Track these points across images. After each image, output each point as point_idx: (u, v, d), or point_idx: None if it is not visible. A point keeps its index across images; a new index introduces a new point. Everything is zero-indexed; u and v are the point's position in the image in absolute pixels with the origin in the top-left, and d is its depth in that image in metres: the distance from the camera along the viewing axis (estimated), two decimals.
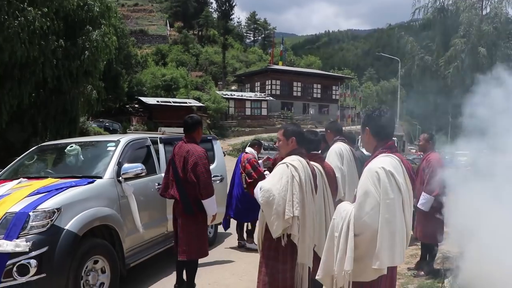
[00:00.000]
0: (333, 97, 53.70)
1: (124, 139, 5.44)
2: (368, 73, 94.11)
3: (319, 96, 53.27)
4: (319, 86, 53.22)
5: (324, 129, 5.53)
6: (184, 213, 4.56)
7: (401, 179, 2.55)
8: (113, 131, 28.85)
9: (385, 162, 2.56)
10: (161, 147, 5.85)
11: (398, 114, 35.67)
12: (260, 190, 3.29)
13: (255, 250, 6.72)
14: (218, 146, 5.99)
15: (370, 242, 2.42)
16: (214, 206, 4.66)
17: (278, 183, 3.26)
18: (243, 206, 6.75)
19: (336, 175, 4.53)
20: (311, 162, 3.95)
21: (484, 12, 6.52)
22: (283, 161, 3.47)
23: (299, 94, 52.02)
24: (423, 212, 5.46)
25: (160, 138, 5.93)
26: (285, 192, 3.22)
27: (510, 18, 6.31)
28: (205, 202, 4.55)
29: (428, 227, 5.42)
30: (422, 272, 5.42)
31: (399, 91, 34.28)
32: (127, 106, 38.14)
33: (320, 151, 4.50)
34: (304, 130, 4.69)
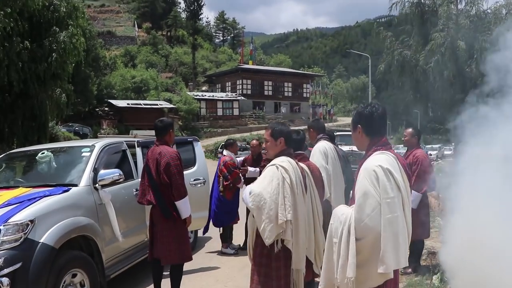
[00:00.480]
0: (304, 95, 54.05)
1: (99, 143, 5.19)
2: (338, 71, 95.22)
3: (290, 94, 53.49)
4: (290, 84, 53.45)
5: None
6: (163, 217, 4.43)
7: (399, 176, 2.45)
8: (83, 136, 28.10)
9: (381, 160, 2.46)
10: (138, 151, 5.61)
11: None
12: (250, 195, 3.13)
13: (233, 255, 6.60)
14: (199, 148, 5.77)
15: (373, 245, 2.31)
16: (187, 208, 4.50)
17: (269, 186, 3.11)
18: (219, 210, 6.62)
19: (322, 175, 4.43)
20: (299, 163, 3.85)
21: (459, 7, 6.67)
22: (272, 162, 3.32)
23: (270, 93, 52.10)
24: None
25: (138, 142, 5.69)
26: (277, 195, 3.08)
27: (484, 12, 6.44)
28: (178, 204, 4.42)
29: (415, 223, 5.38)
30: (410, 269, 5.38)
31: (370, 88, 34.72)
32: (97, 109, 37.35)
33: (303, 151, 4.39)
34: None
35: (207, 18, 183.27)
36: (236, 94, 48.59)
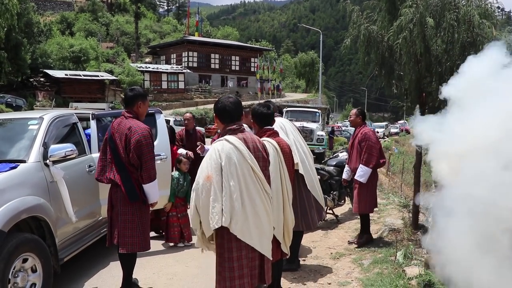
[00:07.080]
0: (252, 69, 53.57)
1: (48, 115, 4.70)
2: (286, 45, 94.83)
3: (237, 68, 52.86)
4: (237, 58, 52.75)
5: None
6: (128, 200, 4.00)
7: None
8: (16, 108, 26.14)
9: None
10: (93, 124, 5.17)
11: (320, 86, 36.49)
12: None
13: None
14: (162, 120, 5.35)
15: None
16: (156, 192, 4.16)
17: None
18: None
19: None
20: (265, 139, 3.66)
21: None
22: (206, 155, 3.06)
23: (217, 66, 51.23)
24: (360, 183, 5.55)
25: (93, 114, 5.23)
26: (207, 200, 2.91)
27: None
28: (146, 187, 4.04)
29: (365, 198, 5.58)
30: (357, 242, 5.63)
31: (320, 63, 34.99)
32: (31, 79, 34.86)
33: (273, 126, 4.17)
34: (257, 102, 4.37)
35: None
36: (181, 67, 47.30)
